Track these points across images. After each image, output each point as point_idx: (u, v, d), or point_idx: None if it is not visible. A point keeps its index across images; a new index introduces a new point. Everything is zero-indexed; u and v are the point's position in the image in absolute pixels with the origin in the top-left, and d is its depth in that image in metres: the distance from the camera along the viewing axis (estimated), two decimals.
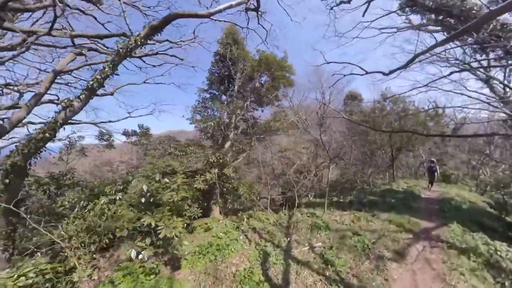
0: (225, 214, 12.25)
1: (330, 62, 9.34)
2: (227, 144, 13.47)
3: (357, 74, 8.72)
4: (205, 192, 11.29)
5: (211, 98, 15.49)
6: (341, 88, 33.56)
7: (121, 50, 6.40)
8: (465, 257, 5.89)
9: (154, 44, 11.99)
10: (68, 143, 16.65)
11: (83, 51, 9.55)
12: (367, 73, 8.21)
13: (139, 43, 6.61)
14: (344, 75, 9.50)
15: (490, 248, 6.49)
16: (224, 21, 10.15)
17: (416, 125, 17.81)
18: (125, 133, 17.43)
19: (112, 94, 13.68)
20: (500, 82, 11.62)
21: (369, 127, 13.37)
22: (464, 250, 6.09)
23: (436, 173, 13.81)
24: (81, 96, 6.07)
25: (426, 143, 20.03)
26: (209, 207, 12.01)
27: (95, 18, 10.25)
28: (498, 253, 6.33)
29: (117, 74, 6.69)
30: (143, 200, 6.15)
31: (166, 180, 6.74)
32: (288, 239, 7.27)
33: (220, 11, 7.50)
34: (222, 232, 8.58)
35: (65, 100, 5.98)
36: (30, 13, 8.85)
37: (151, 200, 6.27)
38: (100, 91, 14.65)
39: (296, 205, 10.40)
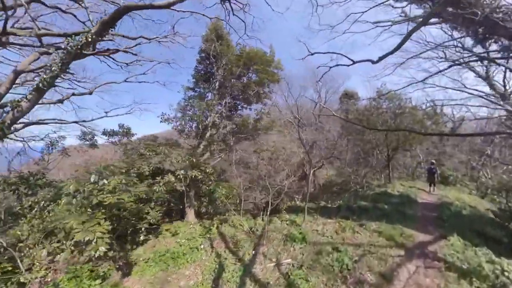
0: (201, 217, 11.30)
1: (314, 53, 8.34)
2: (203, 144, 12.53)
3: (343, 65, 7.77)
4: (180, 193, 10.54)
5: (197, 96, 14.57)
6: (336, 87, 32.60)
7: (70, 48, 5.75)
8: (466, 281, 4.83)
9: (132, 40, 10.99)
10: (49, 142, 15.77)
11: (50, 50, 8.81)
12: (354, 62, 7.26)
13: (90, 40, 6.06)
14: (330, 67, 8.54)
15: (495, 267, 5.43)
16: (199, 14, 9.10)
17: (413, 123, 16.75)
18: (105, 133, 16.51)
19: (90, 93, 12.92)
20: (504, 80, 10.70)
21: (362, 126, 12.32)
22: (465, 272, 5.02)
23: (436, 175, 13.21)
24: (28, 97, 5.67)
25: (423, 143, 18.97)
26: (184, 210, 11.10)
27: (75, 16, 9.54)
28: (506, 274, 5.27)
29: (70, 73, 6.01)
30: (74, 201, 5.98)
31: (105, 181, 6.24)
32: (254, 252, 6.26)
33: (181, 0, 6.52)
34: (186, 238, 7.94)
35: (12, 101, 5.73)
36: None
37: (86, 201, 5.99)
38: (78, 91, 13.59)
39: (267, 212, 9.26)
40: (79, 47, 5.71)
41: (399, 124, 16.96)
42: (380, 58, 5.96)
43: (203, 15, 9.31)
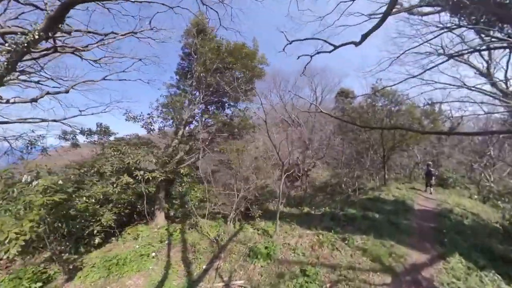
0: (173, 221, 10.17)
1: (292, 42, 7.13)
2: (174, 143, 11.37)
3: (324, 52, 6.65)
4: (147, 195, 9.78)
5: (178, 94, 13.45)
6: (332, 85, 31.46)
7: (15, 47, 4.87)
8: None
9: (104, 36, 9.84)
10: (28, 142, 14.74)
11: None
12: (335, 47, 6.10)
13: (37, 37, 5.16)
14: (311, 56, 7.37)
15: None
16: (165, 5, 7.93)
17: (411, 122, 15.53)
18: (83, 132, 15.46)
19: (67, 92, 12.02)
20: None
21: (354, 124, 11.09)
22: None
23: (433, 177, 13.22)
24: None
25: (421, 142, 17.72)
26: (153, 212, 10.13)
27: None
28: None
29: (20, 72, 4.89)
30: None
31: (38, 181, 5.70)
32: (207, 266, 5.16)
33: None
34: (144, 243, 7.38)
35: None
36: None
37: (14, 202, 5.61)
38: (53, 89, 12.04)
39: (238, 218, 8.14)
40: (25, 45, 4.98)
41: (395, 123, 15.77)
42: (363, 37, 4.73)
43: (171, 7, 8.15)
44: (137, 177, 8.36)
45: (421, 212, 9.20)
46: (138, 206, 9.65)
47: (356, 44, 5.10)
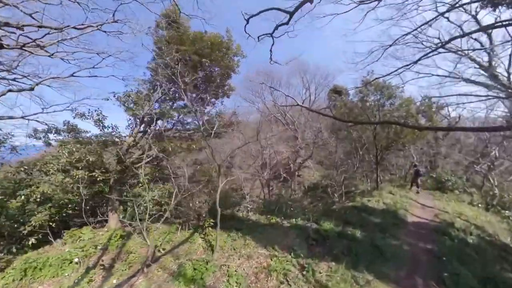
0: (130, 224, 8.68)
1: (249, 19, 5.34)
2: (129, 140, 10.14)
3: (282, 25, 4.96)
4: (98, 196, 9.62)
5: (138, 90, 11.83)
6: (326, 83, 29.95)
7: None
8: None
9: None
10: None
11: None
12: (291, 15, 4.46)
13: None
14: (272, 35, 5.74)
15: None
16: None
17: (405, 118, 13.84)
18: (50, 130, 13.90)
19: (32, 89, 10.54)
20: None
21: (337, 119, 9.40)
22: None
23: (420, 177, 12.98)
24: None
25: (417, 142, 16.02)
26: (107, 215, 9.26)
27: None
28: None
29: None
30: None
31: None
32: (116, 282, 4.12)
33: None
34: (76, 247, 6.93)
35: None
36: None
37: None
38: (16, 87, 10.93)
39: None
40: None
41: (389, 118, 14.05)
42: None
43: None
44: (75, 177, 7.78)
45: (416, 227, 7.50)
46: (88, 207, 8.70)
47: (311, 1, 3.38)
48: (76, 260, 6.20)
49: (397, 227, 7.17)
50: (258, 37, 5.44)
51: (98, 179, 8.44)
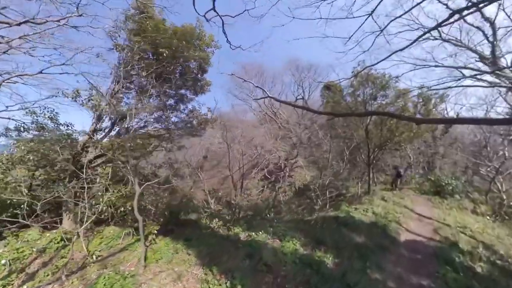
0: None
1: None
2: (82, 139, 9.19)
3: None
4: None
5: (91, 85, 10.28)
6: (319, 81, 28.41)
7: None
8: None
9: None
10: None
11: None
12: None
13: None
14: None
15: None
16: None
17: (400, 111, 12.17)
18: (17, 129, 12.38)
19: None
20: None
21: (316, 112, 7.71)
22: None
23: (401, 178, 13.20)
24: None
25: (414, 140, 14.36)
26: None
27: None
28: None
29: None
30: None
31: None
32: None
33: None
34: (13, 249, 6.39)
35: None
36: None
37: None
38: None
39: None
40: None
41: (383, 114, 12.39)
42: None
43: None
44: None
45: (409, 249, 5.83)
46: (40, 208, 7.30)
47: None
48: (3, 262, 5.75)
49: (384, 251, 5.49)
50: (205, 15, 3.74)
51: (51, 178, 7.89)
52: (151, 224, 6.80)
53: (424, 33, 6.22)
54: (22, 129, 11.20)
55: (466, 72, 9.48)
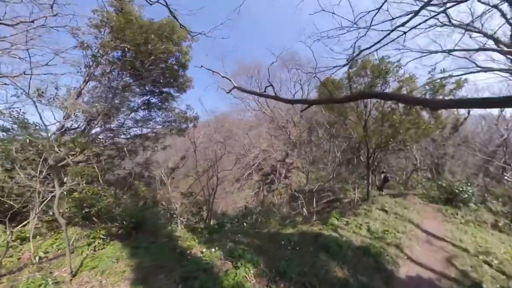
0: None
1: None
2: (52, 137, 8.43)
3: None
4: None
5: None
6: (319, 76, 26.39)
7: None
8: None
9: None
10: None
11: None
12: None
13: None
14: None
15: None
16: None
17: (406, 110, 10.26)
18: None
19: None
20: None
21: (298, 102, 5.96)
22: None
23: (388, 182, 12.74)
24: None
25: (421, 139, 12.35)
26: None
27: None
28: None
29: None
30: None
31: None
32: None
33: None
34: None
35: None
36: None
37: None
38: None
39: None
40: None
41: (383, 109, 10.48)
42: None
43: None
44: None
45: None
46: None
47: None
48: None
49: None
50: None
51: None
52: (102, 228, 6.40)
53: (432, 17, 4.59)
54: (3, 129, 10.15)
55: (478, 61, 7.67)
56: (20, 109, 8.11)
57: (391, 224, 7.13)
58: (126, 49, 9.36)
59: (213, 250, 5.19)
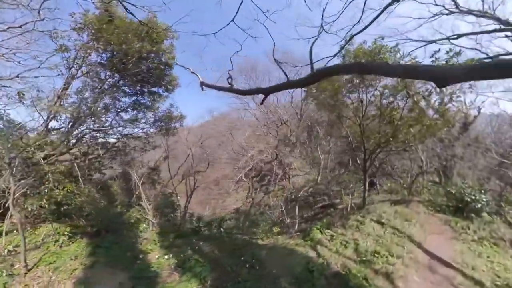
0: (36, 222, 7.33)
1: None
2: (34, 137, 8.80)
3: None
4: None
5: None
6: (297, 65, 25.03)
7: None
8: None
9: None
10: None
11: None
12: None
13: None
14: None
15: None
16: None
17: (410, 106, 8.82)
18: None
19: None
20: None
21: (254, 92, 4.82)
22: None
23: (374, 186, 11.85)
24: None
25: (427, 139, 10.83)
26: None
27: None
28: None
29: None
30: None
31: None
32: None
33: None
34: None
35: None
36: None
37: None
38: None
39: None
40: None
41: (382, 105, 9.06)
42: None
43: None
44: None
45: None
46: None
47: None
48: None
49: None
50: None
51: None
52: (69, 225, 6.71)
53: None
54: None
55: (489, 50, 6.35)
56: (4, 109, 7.92)
57: (386, 243, 5.76)
58: (100, 50, 9.38)
59: (166, 257, 5.16)
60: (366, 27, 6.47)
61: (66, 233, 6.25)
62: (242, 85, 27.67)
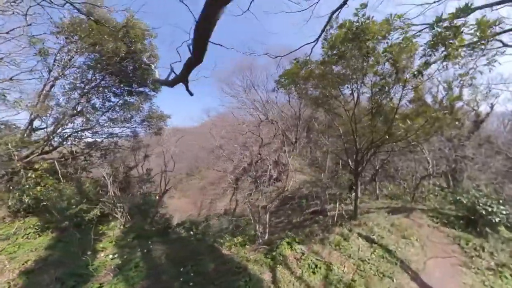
0: (23, 215, 7.60)
1: None
2: (17, 137, 8.71)
3: None
4: None
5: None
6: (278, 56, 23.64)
7: None
8: None
9: None
10: None
11: None
12: None
13: None
14: None
15: None
16: None
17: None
18: None
19: None
20: None
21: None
22: None
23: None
24: None
25: (434, 136, 9.12)
26: None
27: None
28: None
29: None
30: None
31: None
32: None
33: None
34: None
35: None
36: None
37: None
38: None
39: None
40: None
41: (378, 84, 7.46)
42: None
43: None
44: None
45: None
46: None
47: None
48: None
49: None
50: None
51: None
52: (38, 219, 7.04)
53: None
54: None
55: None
56: None
57: (369, 272, 4.25)
58: (75, 51, 9.43)
59: (111, 257, 5.13)
60: (345, 1, 5.06)
61: (32, 226, 6.62)
62: (238, 82, 26.57)
